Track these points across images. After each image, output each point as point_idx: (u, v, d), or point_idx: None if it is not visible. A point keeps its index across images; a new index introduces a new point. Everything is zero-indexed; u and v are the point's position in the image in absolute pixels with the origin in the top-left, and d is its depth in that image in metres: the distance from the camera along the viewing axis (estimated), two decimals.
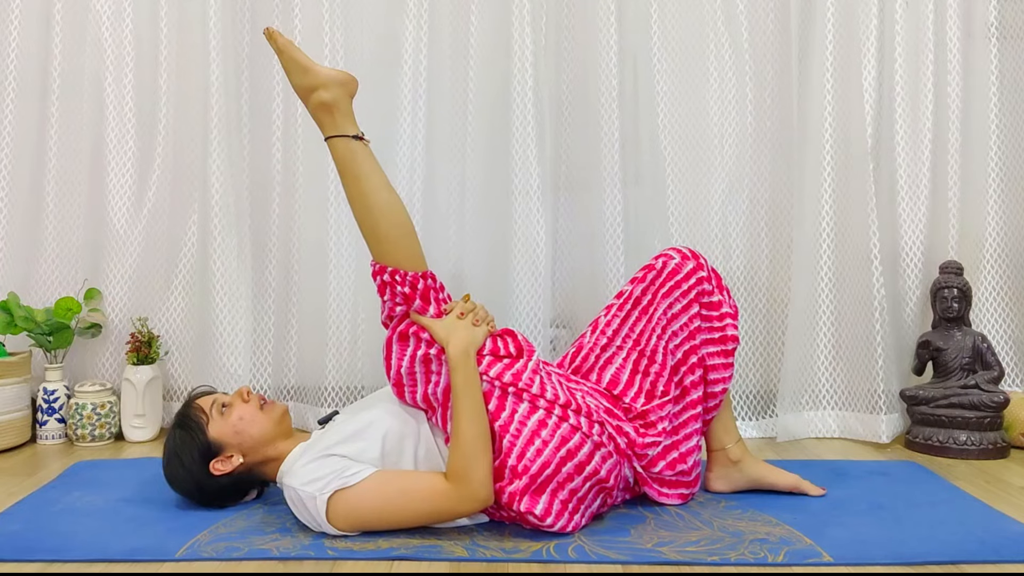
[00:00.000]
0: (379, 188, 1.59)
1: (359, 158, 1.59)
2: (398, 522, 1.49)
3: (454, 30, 2.35)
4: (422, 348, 1.55)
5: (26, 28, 2.39)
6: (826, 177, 2.29)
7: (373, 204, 1.58)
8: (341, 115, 1.60)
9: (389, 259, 1.58)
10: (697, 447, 1.72)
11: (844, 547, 1.44)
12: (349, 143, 1.60)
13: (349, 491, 1.45)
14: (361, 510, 1.46)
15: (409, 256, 1.58)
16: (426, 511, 1.48)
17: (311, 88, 1.60)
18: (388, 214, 1.58)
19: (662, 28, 2.38)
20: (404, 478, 1.51)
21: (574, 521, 1.52)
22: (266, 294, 2.43)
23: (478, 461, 1.46)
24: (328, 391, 2.34)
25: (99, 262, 2.41)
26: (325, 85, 1.60)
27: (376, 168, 1.60)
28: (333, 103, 1.60)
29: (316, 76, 1.60)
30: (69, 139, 2.40)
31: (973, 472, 1.96)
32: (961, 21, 2.35)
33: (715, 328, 1.73)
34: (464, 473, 1.46)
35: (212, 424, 1.59)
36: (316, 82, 1.60)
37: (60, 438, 2.29)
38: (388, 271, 1.57)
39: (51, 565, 1.39)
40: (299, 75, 1.61)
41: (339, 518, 1.46)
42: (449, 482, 1.47)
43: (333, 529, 1.47)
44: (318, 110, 1.61)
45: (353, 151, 1.60)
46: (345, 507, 1.45)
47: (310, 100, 1.61)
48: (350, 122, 1.61)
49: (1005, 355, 2.35)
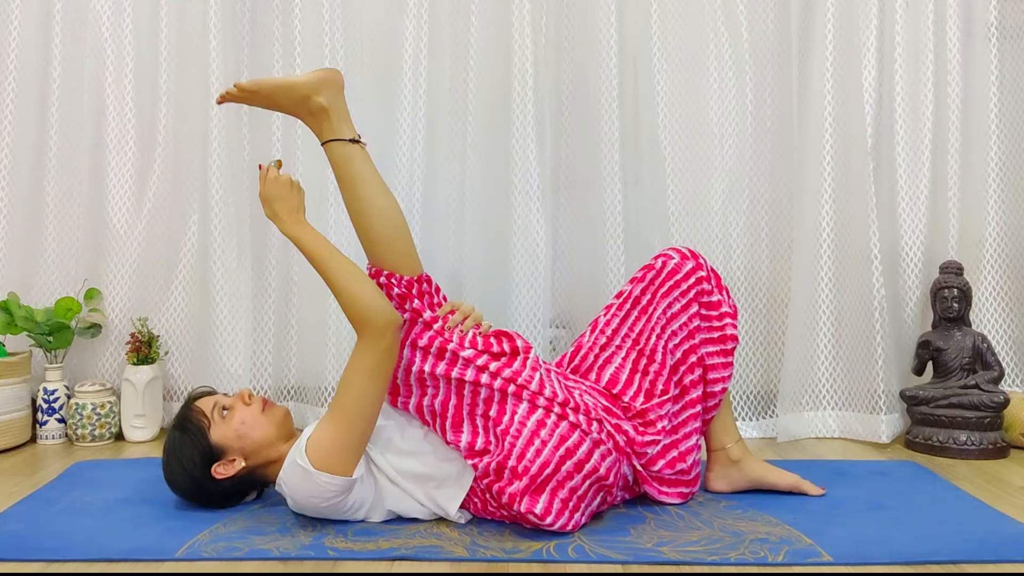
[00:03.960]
0: (375, 192, 1.59)
1: (356, 162, 1.59)
2: (363, 411, 1.47)
3: (454, 30, 2.35)
4: (416, 363, 1.55)
5: (26, 28, 2.39)
6: (826, 177, 2.29)
7: (369, 208, 1.58)
8: (337, 117, 1.60)
9: (385, 262, 1.59)
10: (697, 446, 1.72)
11: (844, 547, 1.44)
12: (346, 147, 1.60)
13: (314, 432, 1.47)
14: (329, 433, 1.46)
15: (404, 260, 1.59)
16: (368, 371, 1.46)
17: (303, 99, 1.58)
18: (383, 217, 1.59)
19: (662, 28, 2.38)
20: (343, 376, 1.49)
21: (574, 520, 1.52)
22: (266, 294, 2.43)
23: (363, 296, 1.47)
24: (328, 391, 2.34)
25: (99, 262, 2.41)
26: (316, 90, 1.58)
27: (373, 172, 1.60)
28: (329, 106, 1.59)
29: (301, 86, 1.58)
30: (69, 139, 2.40)
31: (973, 472, 1.96)
32: (961, 21, 2.35)
33: (714, 328, 1.73)
34: (361, 316, 1.46)
35: (214, 428, 1.59)
36: (304, 91, 1.58)
37: (60, 438, 2.29)
38: (384, 274, 1.58)
39: (51, 565, 1.39)
40: (285, 95, 1.58)
41: (322, 458, 1.44)
42: (360, 336, 1.47)
43: (328, 477, 1.44)
44: (315, 116, 1.60)
45: (349, 155, 1.59)
46: (317, 443, 1.45)
47: (306, 108, 1.59)
48: (346, 125, 1.61)
49: (1005, 355, 2.35)
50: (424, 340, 1.55)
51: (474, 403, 1.55)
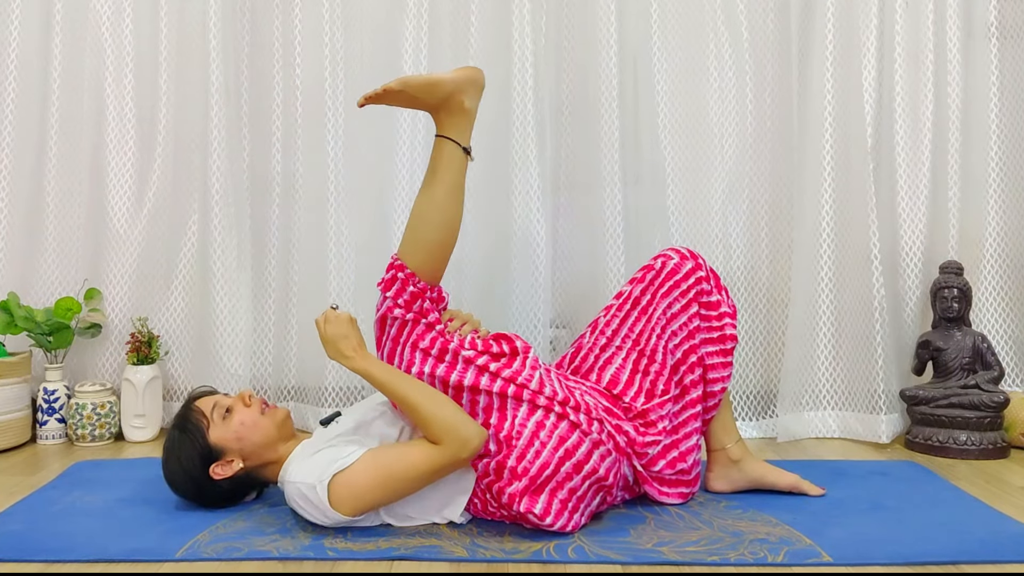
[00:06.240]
0: (452, 204, 1.60)
1: (453, 170, 1.60)
2: (402, 490, 1.49)
3: (454, 30, 2.35)
4: (416, 365, 1.55)
5: (26, 28, 2.39)
6: (826, 177, 2.29)
7: (438, 215, 1.59)
8: (467, 121, 1.61)
9: (414, 262, 1.58)
10: (697, 446, 1.72)
11: (844, 547, 1.44)
12: (456, 150, 1.60)
13: (347, 472, 1.45)
14: (363, 486, 1.46)
15: (433, 270, 1.60)
16: (427, 470, 1.47)
17: (447, 96, 1.58)
18: (444, 228, 1.59)
19: (662, 28, 2.38)
20: (397, 448, 1.51)
21: (574, 520, 1.52)
22: (266, 294, 2.43)
23: (448, 415, 1.47)
24: (328, 391, 2.34)
25: (99, 262, 2.42)
26: (461, 89, 1.59)
27: (461, 185, 1.61)
28: (469, 108, 1.60)
29: (448, 83, 1.57)
30: (69, 139, 2.40)
31: (973, 472, 1.96)
32: (961, 21, 2.35)
33: (714, 328, 1.73)
34: (445, 431, 1.46)
35: (213, 429, 1.59)
36: (449, 88, 1.58)
37: (60, 438, 2.29)
38: (406, 271, 1.57)
39: (51, 565, 1.39)
40: (430, 92, 1.57)
41: (343, 501, 1.45)
42: (440, 444, 1.46)
43: (339, 515, 1.46)
44: (451, 113, 1.60)
45: (453, 159, 1.60)
46: (347, 488, 1.45)
47: (447, 105, 1.59)
48: (468, 131, 1.62)
49: (1005, 355, 2.35)
50: (426, 342, 1.55)
51: (473, 413, 1.54)
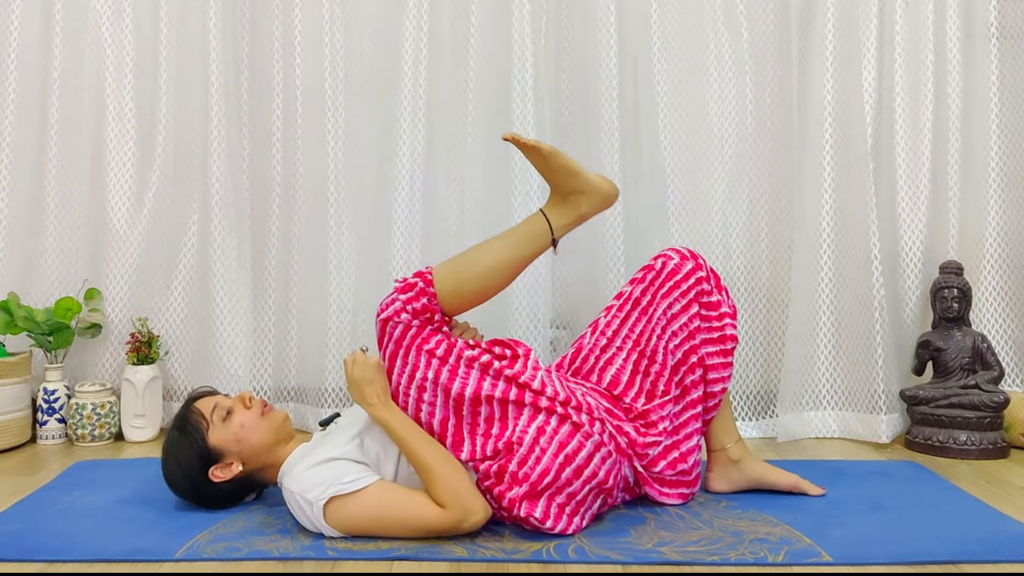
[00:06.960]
0: (506, 270, 1.60)
1: (533, 247, 1.61)
2: (394, 533, 1.48)
3: (454, 30, 2.35)
4: (420, 369, 1.54)
5: (26, 28, 2.38)
6: (826, 177, 2.29)
7: (489, 268, 1.59)
8: (573, 221, 1.62)
9: (443, 287, 1.55)
10: (697, 447, 1.72)
11: (844, 547, 1.44)
12: (546, 234, 1.61)
13: (347, 499, 1.45)
14: (358, 518, 1.46)
15: (453, 306, 1.58)
16: (424, 528, 1.47)
17: (575, 191, 1.60)
18: (483, 281, 1.59)
19: (662, 28, 2.38)
20: (403, 495, 1.49)
21: (574, 523, 1.52)
22: (266, 294, 2.43)
23: (458, 482, 1.47)
24: (328, 392, 2.34)
25: (99, 262, 2.41)
26: (587, 194, 1.61)
27: (525, 262, 1.62)
28: (580, 213, 1.62)
29: (581, 181, 1.59)
30: (69, 139, 2.40)
31: (973, 472, 1.96)
32: (961, 21, 2.35)
33: (714, 328, 1.73)
34: (452, 496, 1.45)
35: (212, 430, 1.59)
36: (579, 185, 1.60)
37: (60, 438, 2.29)
38: (431, 289, 1.55)
39: (51, 565, 1.39)
40: (564, 175, 1.59)
41: (336, 522, 1.46)
42: (445, 508, 1.46)
43: (331, 530, 1.47)
44: (565, 203, 1.62)
45: (538, 238, 1.61)
46: (344, 514, 1.46)
47: (565, 195, 1.61)
48: (568, 229, 1.63)
49: (1005, 355, 2.35)
50: (431, 344, 1.54)
51: (474, 423, 1.54)
